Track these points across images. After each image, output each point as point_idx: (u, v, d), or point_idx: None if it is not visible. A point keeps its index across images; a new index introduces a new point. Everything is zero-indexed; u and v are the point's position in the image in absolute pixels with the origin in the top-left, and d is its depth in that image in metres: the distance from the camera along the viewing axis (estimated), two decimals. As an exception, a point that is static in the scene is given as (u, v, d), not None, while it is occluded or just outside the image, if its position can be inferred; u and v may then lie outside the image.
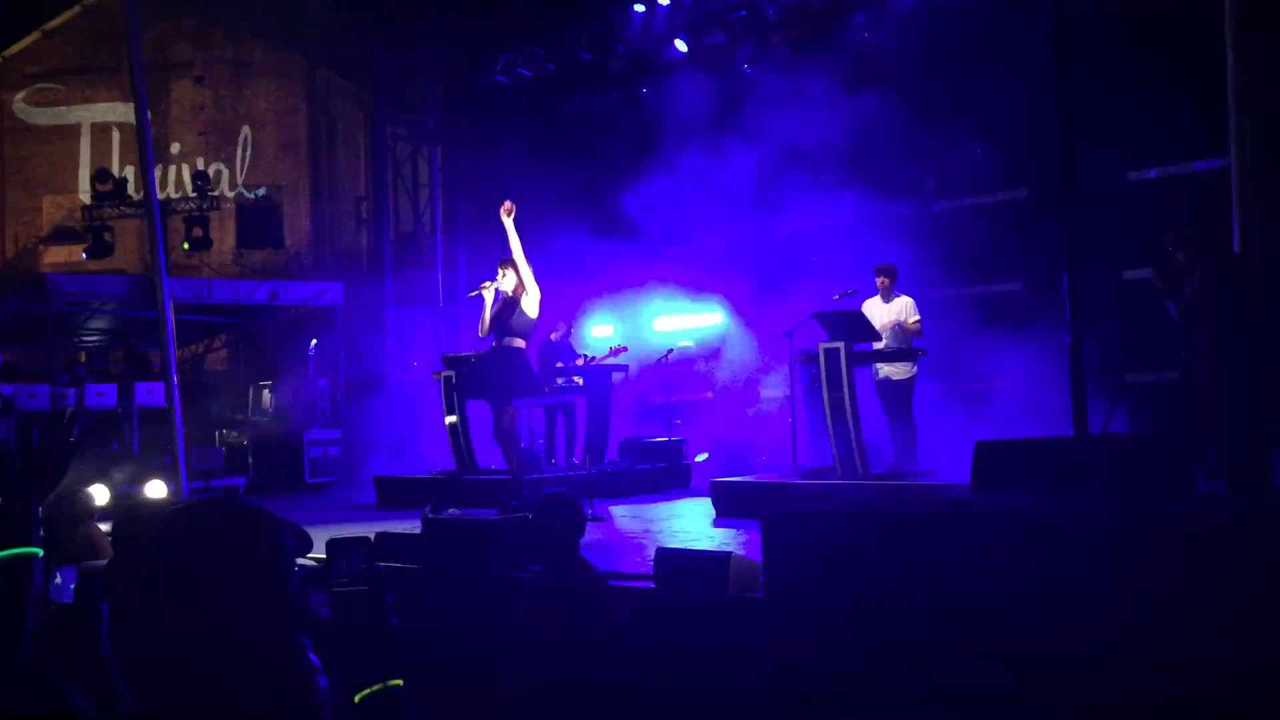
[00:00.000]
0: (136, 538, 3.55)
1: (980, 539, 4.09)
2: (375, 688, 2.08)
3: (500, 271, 8.60)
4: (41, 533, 2.23)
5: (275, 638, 1.69)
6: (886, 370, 9.52)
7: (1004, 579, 3.91)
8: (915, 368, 9.49)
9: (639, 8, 14.07)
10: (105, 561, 5.03)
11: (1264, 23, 8.66)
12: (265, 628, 1.67)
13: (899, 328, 9.54)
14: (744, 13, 13.37)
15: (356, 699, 2.07)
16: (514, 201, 8.56)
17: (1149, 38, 10.24)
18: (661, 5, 13.90)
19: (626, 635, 4.51)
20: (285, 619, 1.70)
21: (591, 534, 8.37)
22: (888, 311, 9.65)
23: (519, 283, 8.52)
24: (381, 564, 6.74)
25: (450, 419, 11.71)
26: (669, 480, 12.18)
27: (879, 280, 9.77)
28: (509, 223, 8.45)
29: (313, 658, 1.99)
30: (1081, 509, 4.21)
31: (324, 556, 6.40)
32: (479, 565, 6.57)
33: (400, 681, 2.11)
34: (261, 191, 19.92)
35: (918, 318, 9.58)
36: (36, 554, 2.15)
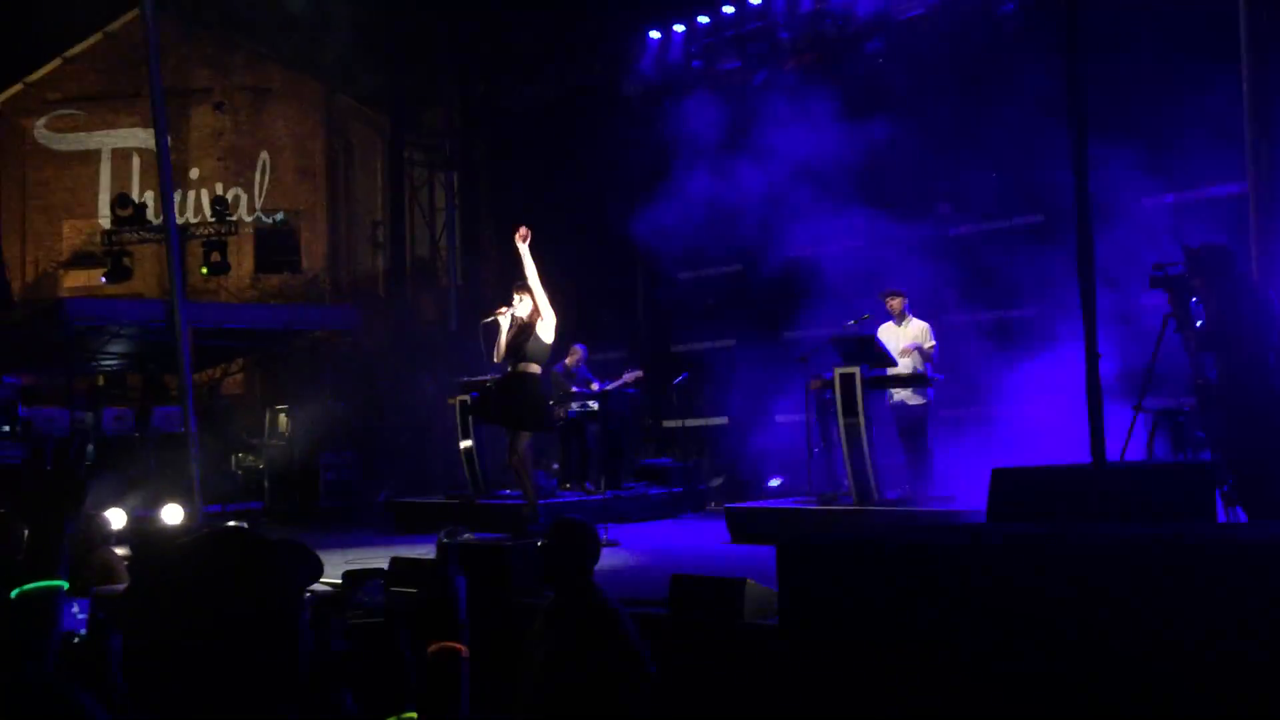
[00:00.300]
0: (150, 568, 3.56)
1: (998, 568, 4.06)
2: (390, 720, 2.08)
3: (516, 296, 8.62)
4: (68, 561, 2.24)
5: (286, 673, 1.69)
6: (901, 395, 9.51)
7: (1022, 608, 3.88)
8: (929, 393, 9.47)
9: (654, 34, 14.16)
10: (120, 587, 5.05)
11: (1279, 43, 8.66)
12: (274, 663, 1.67)
13: (916, 352, 9.52)
14: (759, 38, 13.44)
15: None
16: (529, 226, 8.58)
17: (1165, 62, 10.23)
18: (676, 31, 13.99)
19: (642, 662, 4.50)
20: (294, 655, 1.70)
21: (606, 559, 8.34)
22: (903, 336, 9.63)
23: (534, 308, 8.53)
24: (395, 589, 6.74)
25: (465, 443, 11.72)
26: (684, 504, 12.17)
27: (890, 304, 9.76)
28: (524, 248, 8.47)
29: (349, 703, 1.99)
30: (1100, 537, 4.18)
31: (339, 582, 6.40)
32: (494, 591, 6.56)
33: (414, 715, 2.11)
34: (279, 216, 20.05)
35: (933, 343, 9.56)
36: (62, 587, 2.15)
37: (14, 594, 2.08)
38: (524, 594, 6.38)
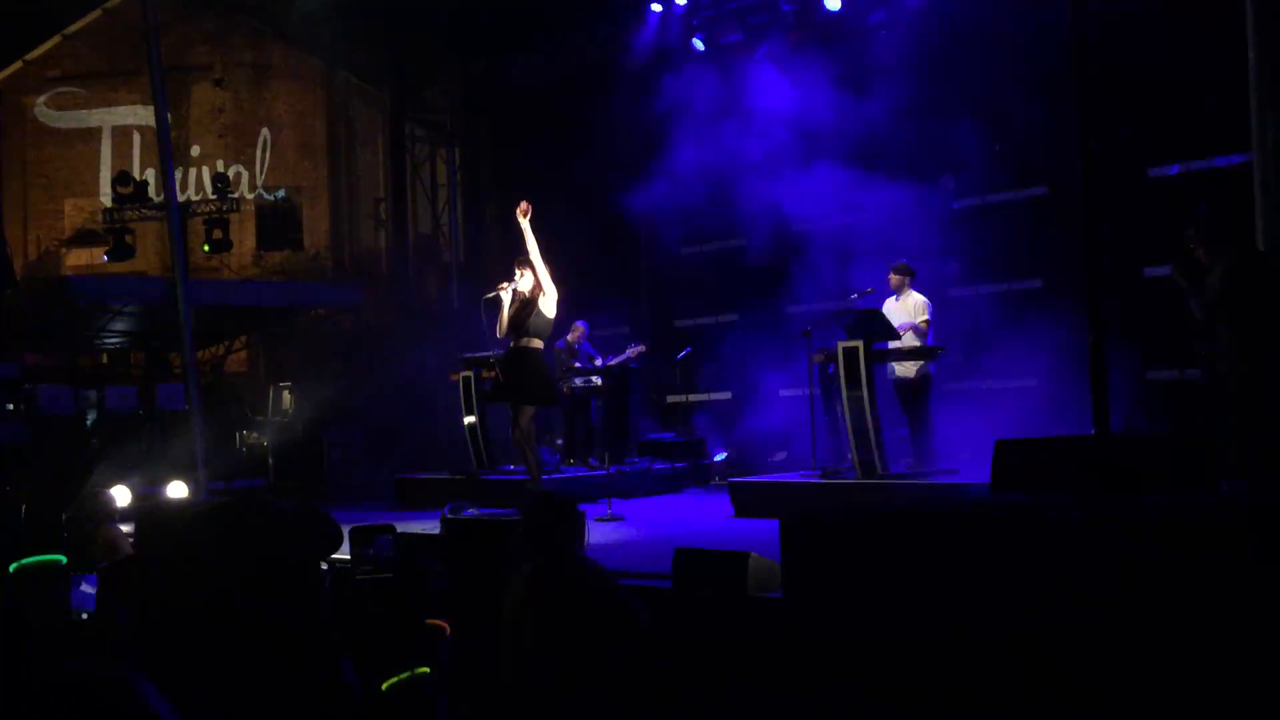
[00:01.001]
0: (159, 540, 3.56)
1: (1000, 539, 4.06)
2: (403, 675, 2.08)
3: (517, 272, 8.61)
4: (65, 537, 2.24)
5: (300, 640, 1.68)
6: (900, 369, 9.51)
7: (1024, 578, 3.88)
8: (927, 366, 9.44)
9: (656, 7, 14.07)
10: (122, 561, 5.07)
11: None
12: (289, 630, 1.67)
13: (911, 331, 9.50)
14: (760, 11, 13.35)
15: (384, 686, 2.07)
16: (531, 201, 8.56)
17: (1170, 32, 10.16)
18: (678, 4, 13.90)
19: (642, 628, 4.50)
20: (310, 622, 1.69)
21: (610, 533, 8.39)
22: (899, 311, 9.62)
23: (536, 283, 8.53)
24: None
25: (469, 419, 11.73)
26: (687, 479, 12.19)
27: (890, 277, 9.76)
28: (525, 224, 8.46)
29: (349, 671, 1.99)
30: (1103, 508, 4.18)
31: (347, 558, 6.41)
32: (497, 566, 6.58)
33: (427, 669, 2.10)
34: (281, 193, 20.00)
35: (925, 317, 9.54)
36: (60, 561, 2.16)
37: (13, 568, 2.08)
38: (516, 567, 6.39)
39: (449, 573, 5.44)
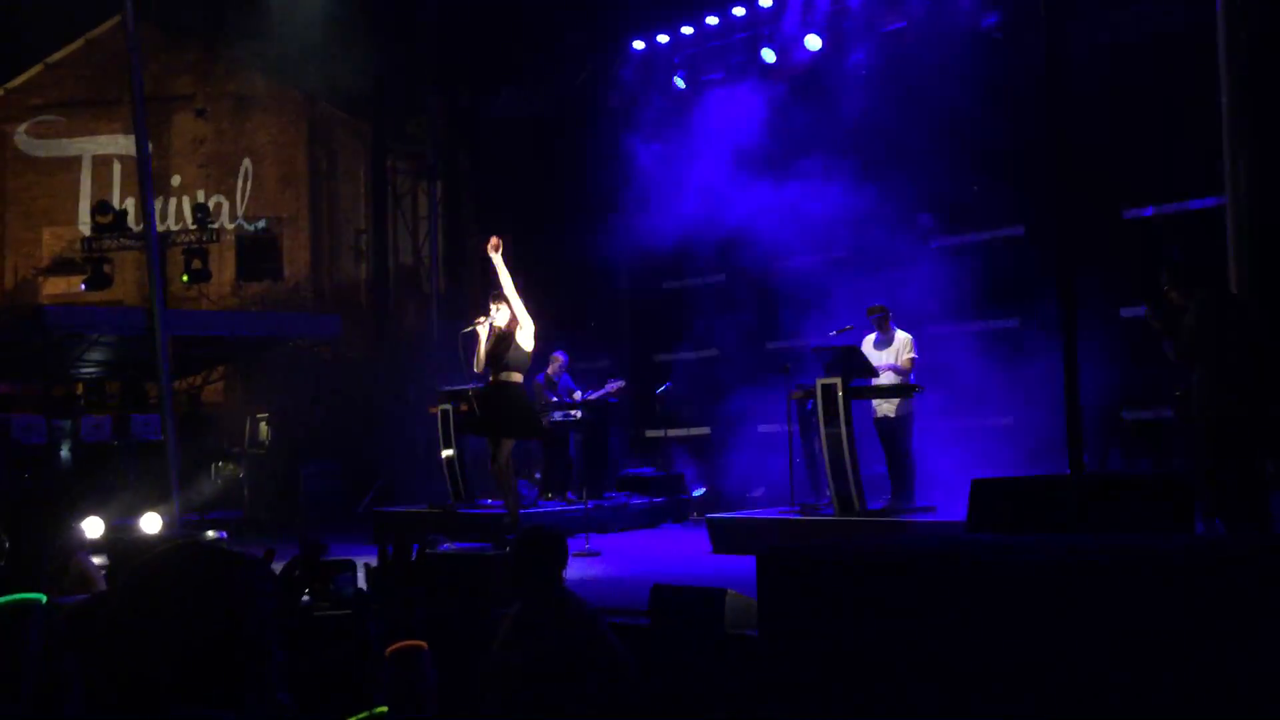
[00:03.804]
0: (119, 581, 3.52)
1: (973, 579, 4.06)
2: (361, 716, 2.05)
3: (493, 306, 8.62)
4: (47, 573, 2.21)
5: (246, 687, 1.67)
6: (884, 408, 9.52)
7: (997, 620, 3.88)
8: (908, 403, 9.46)
9: (638, 44, 14.17)
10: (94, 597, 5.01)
11: (1257, 61, 8.72)
12: (235, 677, 1.65)
13: (892, 371, 9.52)
14: (742, 49, 13.46)
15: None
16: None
17: (1145, 75, 10.31)
18: (660, 42, 14.00)
19: (626, 669, 4.48)
20: (258, 670, 1.68)
21: (587, 569, 8.36)
22: (884, 349, 9.64)
23: (512, 317, 8.54)
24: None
25: (447, 452, 11.69)
26: (666, 514, 12.16)
27: (874, 320, 9.78)
28: (497, 259, 8.48)
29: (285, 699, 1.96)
30: (1076, 548, 4.19)
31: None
32: (475, 601, 6.54)
33: (385, 708, 2.08)
34: (261, 224, 19.98)
35: (910, 355, 9.57)
36: (40, 600, 2.13)
37: None
38: (506, 604, 6.35)
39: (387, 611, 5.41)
